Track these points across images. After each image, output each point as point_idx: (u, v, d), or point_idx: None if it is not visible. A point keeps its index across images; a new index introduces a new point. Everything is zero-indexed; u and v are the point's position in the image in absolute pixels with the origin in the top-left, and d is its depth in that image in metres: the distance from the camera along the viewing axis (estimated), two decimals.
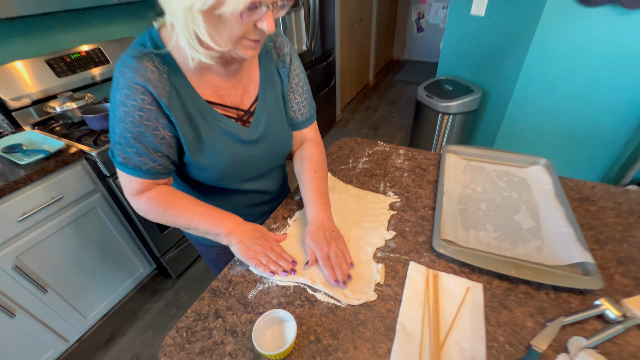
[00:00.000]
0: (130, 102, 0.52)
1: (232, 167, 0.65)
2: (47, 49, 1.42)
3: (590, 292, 0.56)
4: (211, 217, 0.62)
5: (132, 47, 0.54)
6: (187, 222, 0.62)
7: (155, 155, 0.57)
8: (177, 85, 0.56)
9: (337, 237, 0.65)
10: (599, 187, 0.80)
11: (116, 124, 0.54)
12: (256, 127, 0.65)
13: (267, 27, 0.48)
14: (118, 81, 0.52)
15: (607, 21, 1.37)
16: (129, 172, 0.57)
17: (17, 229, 1.05)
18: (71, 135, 1.25)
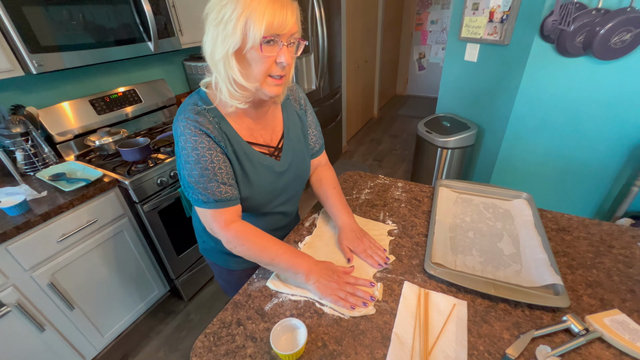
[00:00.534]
0: (200, 145, 0.66)
1: (268, 194, 0.79)
2: (91, 91, 1.64)
3: (560, 310, 0.64)
4: (292, 256, 0.71)
5: (187, 107, 0.68)
6: (270, 259, 0.70)
7: (231, 183, 0.70)
8: (225, 132, 0.70)
9: (365, 234, 0.83)
10: (575, 219, 0.91)
11: (193, 167, 0.66)
12: (286, 160, 0.80)
13: (284, 59, 0.61)
14: (184, 133, 0.66)
15: (585, 69, 1.53)
16: (215, 206, 0.68)
17: (56, 249, 1.18)
18: (107, 165, 1.41)
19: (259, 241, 0.71)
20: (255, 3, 0.56)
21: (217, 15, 0.58)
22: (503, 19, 1.72)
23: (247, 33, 0.58)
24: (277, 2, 0.57)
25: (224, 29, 0.58)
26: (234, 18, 0.56)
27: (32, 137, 1.33)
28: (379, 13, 3.81)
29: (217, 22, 0.59)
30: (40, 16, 1.15)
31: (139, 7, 1.43)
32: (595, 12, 1.38)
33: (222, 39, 0.59)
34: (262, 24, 0.56)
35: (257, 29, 0.56)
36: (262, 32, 0.57)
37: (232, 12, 0.57)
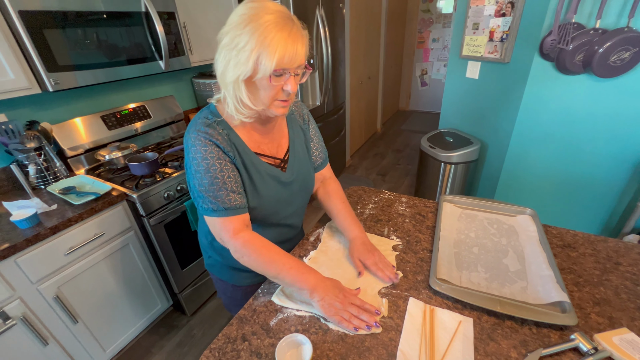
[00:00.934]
0: (210, 155, 0.68)
1: (275, 204, 0.81)
2: (103, 107, 1.69)
3: (567, 328, 0.64)
4: (298, 271, 0.70)
5: (198, 120, 0.72)
6: (276, 271, 0.70)
7: (239, 190, 0.72)
8: (234, 142, 0.73)
9: (375, 249, 0.84)
10: (580, 235, 0.90)
11: (202, 177, 0.68)
12: (291, 171, 0.83)
13: (290, 88, 0.65)
14: (195, 144, 0.68)
15: (586, 86, 1.56)
16: (225, 214, 0.69)
17: (63, 262, 1.19)
18: (115, 179, 1.44)
19: (267, 252, 0.71)
20: (268, 39, 0.58)
21: (232, 41, 0.61)
22: (503, 38, 1.77)
23: (258, 65, 0.61)
24: (289, 37, 0.60)
25: (236, 55, 0.61)
26: (248, 50, 0.59)
27: (45, 151, 1.37)
28: (382, 31, 3.92)
29: (230, 47, 0.61)
30: (59, 37, 1.21)
31: (151, 28, 1.50)
32: (593, 32, 1.42)
33: (233, 65, 0.62)
34: (273, 59, 0.59)
35: (268, 63, 0.60)
36: (273, 67, 0.60)
37: (245, 43, 0.59)
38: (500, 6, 1.74)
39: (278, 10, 0.61)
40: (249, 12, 0.60)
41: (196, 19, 1.78)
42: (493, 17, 1.80)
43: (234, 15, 0.62)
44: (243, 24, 0.60)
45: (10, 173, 1.38)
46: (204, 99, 2.15)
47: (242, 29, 0.59)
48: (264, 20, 0.59)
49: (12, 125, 1.28)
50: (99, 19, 1.31)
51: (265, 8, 0.61)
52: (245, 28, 0.59)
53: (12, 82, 1.15)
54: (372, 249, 0.83)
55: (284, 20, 0.61)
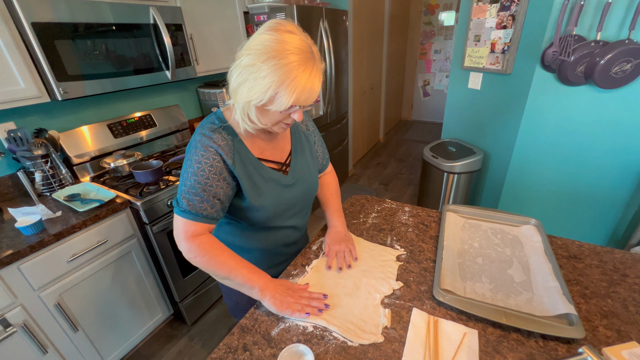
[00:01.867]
0: (205, 160, 0.70)
1: (278, 205, 0.83)
2: (109, 116, 1.72)
3: (575, 341, 0.62)
4: (249, 272, 0.73)
5: (206, 125, 0.74)
6: (227, 272, 0.72)
7: (214, 201, 0.72)
8: (238, 149, 0.75)
9: (347, 239, 0.92)
10: (585, 246, 0.89)
11: (189, 177, 0.71)
12: (292, 174, 0.85)
13: (297, 118, 0.69)
14: (196, 146, 0.71)
15: (588, 97, 1.57)
16: (190, 217, 0.71)
17: (66, 269, 1.19)
18: (120, 187, 1.46)
19: (220, 254, 0.73)
20: (289, 80, 0.60)
21: (251, 65, 0.61)
22: (504, 49, 1.79)
23: (274, 99, 0.62)
24: (308, 80, 0.62)
25: (253, 81, 0.62)
26: (267, 83, 0.60)
27: (52, 159, 1.39)
28: (384, 43, 3.98)
29: (248, 71, 0.62)
30: (69, 48, 1.24)
31: (159, 39, 1.54)
32: (594, 43, 1.43)
33: (248, 87, 0.63)
34: (290, 99, 0.62)
35: (284, 101, 0.62)
36: (289, 105, 0.63)
37: (265, 75, 0.60)
38: (501, 19, 1.77)
39: (302, 48, 0.61)
40: (274, 45, 0.60)
41: (202, 30, 1.82)
42: (494, 30, 1.82)
43: (257, 41, 0.62)
44: (265, 55, 0.60)
45: (17, 180, 1.39)
46: (209, 108, 2.18)
47: (264, 61, 0.60)
48: (289, 61, 0.59)
49: (21, 133, 1.31)
50: (108, 30, 1.35)
51: (290, 44, 0.60)
52: (267, 62, 0.60)
53: (22, 91, 1.18)
54: (343, 239, 0.92)
55: (306, 61, 0.61)
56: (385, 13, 3.83)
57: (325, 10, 2.35)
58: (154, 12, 1.48)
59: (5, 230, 1.15)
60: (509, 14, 1.72)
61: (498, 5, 1.77)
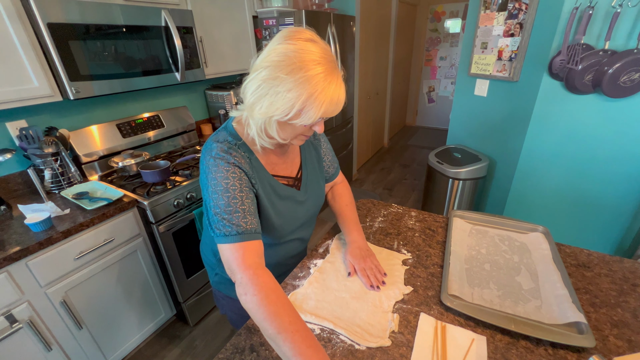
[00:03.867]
0: (232, 175, 0.66)
1: (293, 222, 0.81)
2: (119, 115, 1.74)
3: (585, 350, 0.62)
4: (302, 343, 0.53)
5: (218, 144, 0.68)
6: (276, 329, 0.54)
7: (255, 215, 0.67)
8: (255, 166, 0.72)
9: (371, 254, 0.86)
10: (594, 254, 0.89)
11: (220, 197, 0.64)
12: (305, 189, 0.83)
13: (319, 130, 0.67)
14: (217, 164, 0.66)
15: (596, 106, 1.56)
16: (237, 239, 0.62)
17: (72, 266, 1.20)
18: (127, 186, 1.47)
19: (275, 301, 0.56)
20: (316, 94, 0.57)
21: (272, 79, 0.58)
22: (512, 57, 1.79)
23: (301, 113, 0.59)
24: (335, 91, 0.59)
25: (274, 96, 0.58)
26: (292, 97, 0.57)
27: (62, 157, 1.40)
28: (390, 49, 4.00)
29: (269, 85, 0.58)
30: (82, 48, 1.26)
31: (170, 41, 1.56)
32: (602, 52, 1.43)
33: (269, 103, 0.59)
34: (319, 112, 0.59)
35: (312, 115, 0.59)
36: (317, 119, 0.60)
37: (289, 90, 0.57)
38: (509, 27, 1.78)
39: (326, 57, 0.59)
40: (297, 55, 0.57)
41: (212, 33, 1.84)
42: (502, 37, 1.83)
43: (276, 52, 0.59)
44: (289, 67, 0.57)
45: (27, 177, 1.41)
46: (216, 110, 2.20)
47: (289, 73, 0.57)
48: (316, 73, 0.57)
49: (32, 131, 1.32)
50: (120, 32, 1.37)
51: (314, 54, 0.58)
52: (293, 74, 0.56)
53: (35, 90, 1.20)
54: (366, 254, 0.85)
55: (332, 71, 0.59)
56: (392, 19, 3.86)
57: (333, 15, 2.37)
58: (165, 15, 1.50)
59: (15, 226, 1.16)
60: (516, 22, 1.73)
61: (506, 13, 1.78)
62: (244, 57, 2.12)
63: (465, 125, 2.33)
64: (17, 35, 1.13)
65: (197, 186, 1.55)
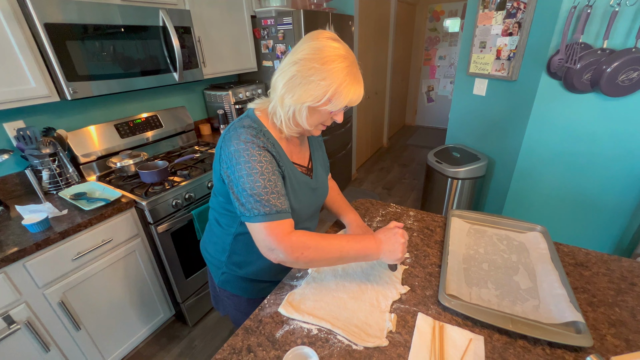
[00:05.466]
0: (264, 158, 0.70)
1: (308, 208, 0.85)
2: (117, 116, 1.74)
3: (582, 350, 0.62)
4: (355, 243, 0.73)
5: (244, 129, 0.72)
6: (339, 253, 0.71)
7: (286, 197, 0.73)
8: (278, 151, 0.76)
9: (369, 230, 0.95)
10: (592, 254, 0.89)
11: (256, 179, 0.68)
12: (316, 177, 0.88)
13: (339, 119, 0.75)
14: (248, 148, 0.69)
15: (594, 105, 1.56)
16: (277, 217, 0.68)
17: (70, 267, 1.20)
18: (125, 186, 1.46)
19: (320, 239, 0.71)
20: (345, 84, 0.66)
21: (306, 70, 0.66)
22: (510, 56, 1.79)
23: (331, 100, 0.68)
24: (359, 84, 0.69)
25: (307, 84, 0.66)
26: (324, 85, 0.66)
27: (59, 157, 1.40)
28: (389, 48, 4.00)
29: (303, 75, 0.66)
30: (79, 49, 1.26)
31: (168, 41, 1.55)
32: (601, 51, 1.43)
33: (302, 91, 0.67)
34: (346, 101, 0.68)
35: (340, 103, 0.68)
36: (344, 105, 0.69)
37: (322, 79, 0.65)
38: (507, 26, 1.78)
39: (347, 54, 0.68)
40: (327, 51, 0.66)
41: (211, 34, 1.84)
42: (500, 37, 1.83)
43: (309, 48, 0.67)
44: (323, 60, 0.65)
45: (24, 177, 1.41)
46: (215, 110, 2.20)
47: (321, 65, 0.65)
48: (345, 65, 0.66)
49: (30, 132, 1.32)
50: (118, 32, 1.37)
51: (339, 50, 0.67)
52: (327, 65, 0.65)
53: (32, 90, 1.20)
54: (366, 230, 0.94)
55: (355, 65, 0.69)
56: (391, 19, 3.86)
57: (331, 15, 2.37)
58: (163, 15, 1.50)
59: (12, 227, 1.16)
60: (515, 21, 1.73)
61: (504, 13, 1.78)
62: (242, 56, 2.11)
63: (464, 124, 2.33)
64: (14, 36, 1.12)
65: (196, 186, 1.55)
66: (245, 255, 0.86)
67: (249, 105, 0.81)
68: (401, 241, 0.73)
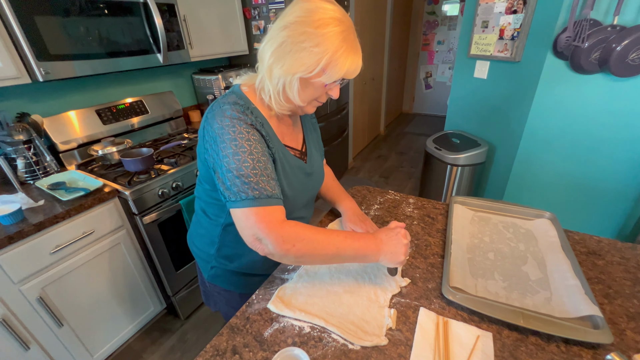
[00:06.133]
0: (253, 137, 0.62)
1: (303, 194, 0.77)
2: (98, 101, 1.64)
3: (601, 347, 0.56)
4: (354, 240, 0.65)
5: (229, 106, 0.63)
6: (335, 249, 0.62)
7: (277, 181, 0.65)
8: (267, 131, 0.67)
9: (367, 218, 0.89)
10: (605, 241, 0.83)
11: (245, 158, 0.60)
12: (311, 162, 0.81)
13: (334, 94, 0.67)
14: (235, 124, 0.61)
15: (602, 86, 1.49)
16: (268, 202, 0.60)
17: (49, 261, 1.12)
18: (108, 175, 1.38)
19: (315, 232, 0.62)
20: (341, 51, 0.58)
21: (297, 35, 0.57)
22: (514, 36, 1.70)
23: (325, 70, 0.59)
24: (357, 53, 0.61)
25: (299, 52, 0.58)
26: (317, 53, 0.57)
27: (35, 145, 1.31)
28: (386, 33, 3.87)
29: (296, 41, 0.58)
30: (50, 25, 1.15)
31: (150, 19, 1.44)
32: (611, 28, 1.35)
33: (295, 58, 0.59)
34: (342, 71, 0.60)
35: (335, 73, 0.59)
36: (341, 75, 0.60)
37: (315, 45, 0.57)
38: (512, 3, 1.68)
39: (345, 17, 0.60)
40: (321, 12, 0.58)
41: (197, 13, 1.73)
42: (504, 15, 1.73)
43: (300, 10, 0.59)
44: (317, 23, 0.57)
45: None
46: (204, 95, 2.09)
47: (315, 28, 0.57)
48: (342, 29, 0.58)
49: (0, 117, 1.22)
50: (94, 7, 1.26)
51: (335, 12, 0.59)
52: (321, 29, 0.57)
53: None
54: (364, 218, 0.88)
55: (353, 32, 0.61)
56: (388, 1, 3.71)
57: None
58: None
59: None
60: None
61: None
62: (232, 38, 2.00)
63: (464, 109, 2.25)
64: None
65: (184, 175, 1.47)
66: (236, 247, 0.79)
67: (235, 81, 0.72)
68: (404, 242, 0.66)
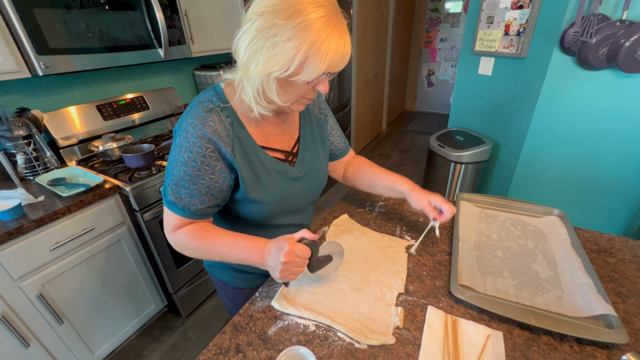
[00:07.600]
0: (196, 149, 0.59)
1: (281, 201, 0.71)
2: (98, 96, 1.62)
3: (615, 347, 0.54)
4: (240, 251, 0.62)
5: (201, 103, 0.61)
6: (220, 255, 0.64)
7: (205, 197, 0.63)
8: (238, 134, 0.63)
9: (434, 195, 0.79)
10: (616, 239, 0.81)
11: (178, 167, 0.60)
12: (300, 166, 0.73)
13: (323, 89, 0.58)
14: (187, 130, 0.59)
15: (609, 83, 1.46)
16: (176, 211, 0.63)
17: (49, 257, 1.11)
18: (109, 171, 1.36)
19: (205, 239, 0.64)
20: (320, 42, 0.49)
21: (268, 28, 0.50)
22: (520, 31, 1.68)
23: (303, 67, 0.51)
24: (340, 39, 0.51)
25: (272, 48, 0.50)
26: (292, 48, 0.49)
27: (35, 140, 1.29)
28: (389, 30, 3.84)
29: (265, 36, 0.50)
30: (50, 18, 1.13)
31: (151, 14, 1.42)
32: (620, 23, 1.33)
33: (267, 57, 0.51)
34: (324, 64, 0.51)
35: (316, 68, 0.51)
36: (321, 72, 0.52)
37: (289, 38, 0.49)
38: None
39: (329, 4, 0.51)
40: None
41: (199, 7, 1.70)
42: (509, 10, 1.71)
43: None
44: (287, 12, 0.49)
45: None
46: None
47: (285, 19, 0.48)
48: (318, 16, 0.49)
49: (0, 112, 1.21)
50: (95, 1, 1.24)
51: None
52: (291, 20, 0.48)
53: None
54: (431, 196, 0.79)
55: (335, 16, 0.51)
56: None
57: None
58: None
59: None
60: None
61: None
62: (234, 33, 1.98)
63: (468, 107, 2.22)
64: None
65: None
66: None
67: (225, 75, 0.67)
68: (281, 260, 0.56)
